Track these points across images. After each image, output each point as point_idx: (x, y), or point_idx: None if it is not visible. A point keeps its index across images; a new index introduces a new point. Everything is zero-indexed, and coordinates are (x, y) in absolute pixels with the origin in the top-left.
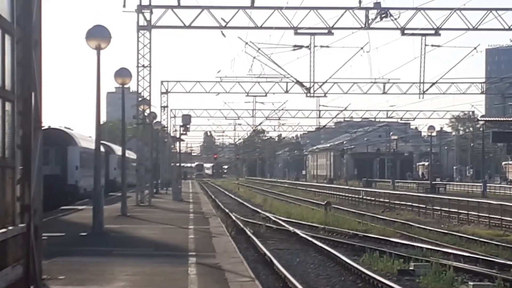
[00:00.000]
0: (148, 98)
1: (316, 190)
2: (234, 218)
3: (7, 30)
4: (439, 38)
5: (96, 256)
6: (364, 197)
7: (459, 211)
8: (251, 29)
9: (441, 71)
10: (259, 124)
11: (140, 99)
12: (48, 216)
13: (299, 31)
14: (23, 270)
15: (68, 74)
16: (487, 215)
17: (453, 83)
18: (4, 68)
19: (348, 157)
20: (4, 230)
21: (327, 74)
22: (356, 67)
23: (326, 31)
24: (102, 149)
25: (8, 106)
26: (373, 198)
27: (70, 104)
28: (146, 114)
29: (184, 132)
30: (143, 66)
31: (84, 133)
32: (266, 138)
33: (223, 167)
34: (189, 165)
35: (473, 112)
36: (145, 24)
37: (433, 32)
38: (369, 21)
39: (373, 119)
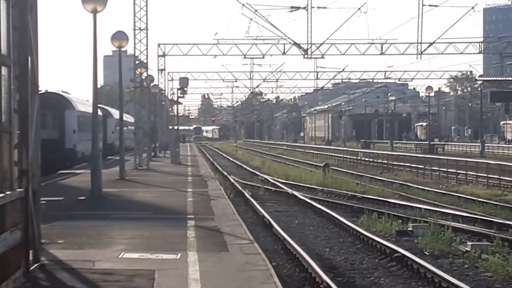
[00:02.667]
0: (145, 61)
1: (314, 151)
2: (232, 180)
3: None
4: None
5: (95, 220)
6: (362, 159)
7: (458, 171)
8: None
9: (439, 31)
10: (257, 86)
11: (137, 62)
12: (46, 180)
13: None
14: (21, 234)
15: (65, 37)
16: (486, 175)
17: (450, 43)
18: None
19: (346, 118)
20: (2, 195)
21: (325, 35)
22: (353, 28)
23: None
24: (99, 112)
25: (4, 70)
26: (371, 159)
27: (67, 68)
28: (143, 77)
29: (182, 95)
30: (139, 29)
31: (82, 97)
32: (264, 100)
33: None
34: (187, 128)
35: (471, 72)
36: None
37: None
38: None
39: (371, 80)
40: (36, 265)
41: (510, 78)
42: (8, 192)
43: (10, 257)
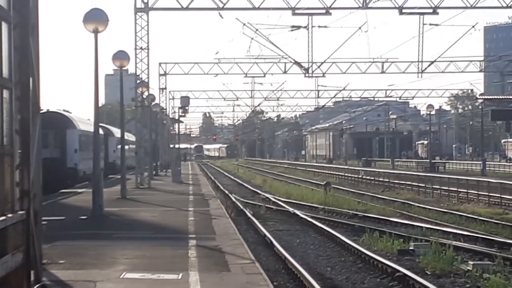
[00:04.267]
0: (146, 80)
1: (316, 170)
2: (233, 199)
3: (4, 17)
4: (437, 17)
5: (96, 239)
6: (364, 177)
7: (459, 189)
8: (248, 10)
9: (440, 49)
10: (258, 105)
11: (138, 81)
12: (48, 199)
13: (296, 11)
14: (23, 256)
15: (66, 57)
16: (487, 193)
17: (451, 61)
18: (1, 55)
19: (347, 136)
20: (3, 218)
21: (326, 54)
22: (354, 47)
23: (324, 11)
24: (101, 131)
25: (6, 93)
26: (372, 178)
27: (68, 87)
28: (144, 96)
29: (183, 114)
30: (141, 48)
31: (83, 116)
32: (265, 118)
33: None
34: (188, 146)
35: (472, 90)
36: (143, 6)
37: (431, 11)
38: (367, 1)
39: (372, 99)
40: (37, 286)
41: (511, 97)
42: (9, 215)
43: (12, 279)
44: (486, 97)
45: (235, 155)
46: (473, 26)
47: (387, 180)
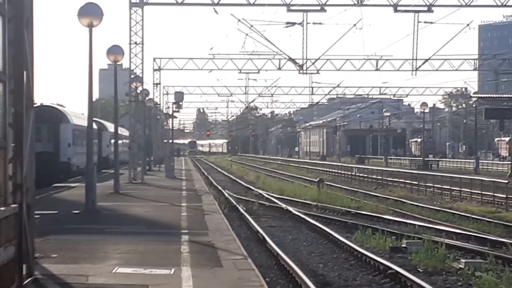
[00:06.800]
0: (140, 75)
1: (309, 167)
2: (227, 195)
3: None
4: (432, 14)
5: (89, 234)
6: (357, 174)
7: (452, 187)
8: (243, 6)
9: (434, 48)
10: (252, 101)
11: (132, 76)
12: (41, 193)
13: (291, 8)
14: (15, 250)
15: (61, 51)
16: (480, 191)
17: (446, 59)
18: None
19: (341, 133)
20: None
21: (320, 51)
22: (349, 44)
23: (319, 8)
24: (94, 126)
25: None
26: (365, 175)
27: (62, 81)
28: (138, 91)
29: (177, 109)
30: (135, 43)
31: (77, 110)
32: (259, 115)
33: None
34: (182, 141)
35: (466, 88)
36: (137, 1)
37: (425, 8)
38: None
39: (366, 96)
40: (29, 279)
41: (505, 95)
42: (2, 208)
43: (4, 272)
44: (480, 95)
45: (236, 151)
46: (468, 25)
47: (380, 177)
